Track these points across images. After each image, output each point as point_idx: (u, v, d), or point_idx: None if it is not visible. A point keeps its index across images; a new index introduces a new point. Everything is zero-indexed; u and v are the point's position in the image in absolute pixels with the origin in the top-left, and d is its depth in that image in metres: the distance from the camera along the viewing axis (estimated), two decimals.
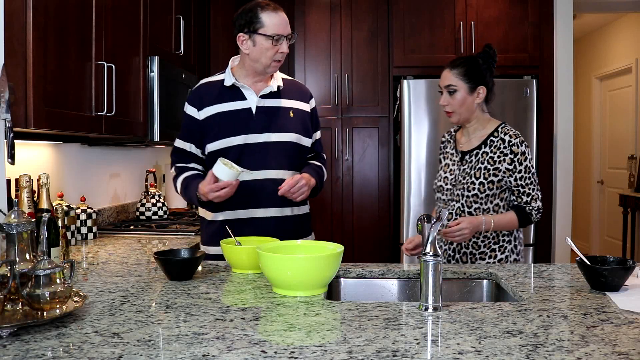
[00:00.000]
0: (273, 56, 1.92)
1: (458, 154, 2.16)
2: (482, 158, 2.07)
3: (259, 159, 1.97)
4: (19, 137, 1.96)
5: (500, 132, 2.08)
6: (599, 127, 6.74)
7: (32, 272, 1.24)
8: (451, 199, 2.11)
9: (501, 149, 2.05)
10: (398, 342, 1.10)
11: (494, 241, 2.08)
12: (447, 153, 2.23)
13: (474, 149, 2.11)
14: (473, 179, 2.06)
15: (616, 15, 6.11)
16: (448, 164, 2.18)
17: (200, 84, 2.07)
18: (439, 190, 2.19)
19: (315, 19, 4.18)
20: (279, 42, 1.91)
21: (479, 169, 2.06)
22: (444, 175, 2.17)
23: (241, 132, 1.96)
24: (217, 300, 1.42)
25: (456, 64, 2.10)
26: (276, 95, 2.02)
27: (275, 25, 1.90)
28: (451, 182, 2.13)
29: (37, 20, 1.76)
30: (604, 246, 6.49)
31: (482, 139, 2.10)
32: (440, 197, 2.17)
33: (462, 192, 2.07)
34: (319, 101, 4.15)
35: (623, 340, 1.11)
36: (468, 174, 2.08)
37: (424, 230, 1.39)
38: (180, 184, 2.00)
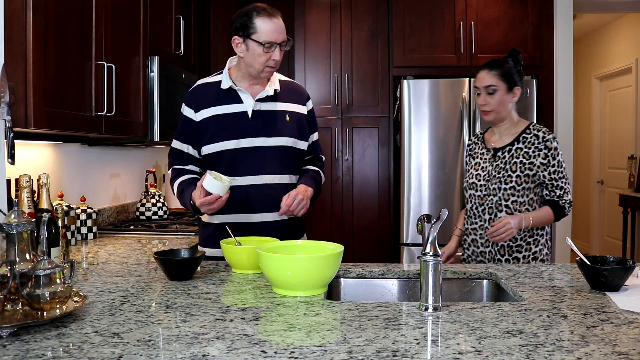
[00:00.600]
0: (265, 62, 1.90)
1: (490, 151, 2.24)
2: (516, 153, 2.15)
3: (254, 164, 1.96)
4: (19, 137, 1.96)
5: (532, 129, 2.18)
6: (599, 127, 6.74)
7: (32, 272, 1.24)
8: (487, 194, 2.18)
9: (535, 144, 2.14)
10: (398, 342, 1.10)
11: (528, 234, 2.14)
12: (476, 153, 2.30)
13: (506, 145, 2.19)
14: (509, 172, 2.13)
15: (616, 15, 6.11)
16: (479, 162, 2.26)
17: (197, 85, 2.05)
18: (471, 187, 2.24)
19: (315, 19, 4.18)
20: (270, 49, 1.88)
21: (514, 163, 2.14)
22: (476, 172, 2.24)
23: (237, 136, 1.95)
24: (217, 300, 1.42)
25: (495, 66, 2.20)
26: (273, 99, 2.01)
27: (268, 32, 1.87)
28: (484, 178, 2.20)
29: (37, 21, 1.77)
30: (604, 246, 6.49)
31: (515, 136, 2.19)
32: (474, 194, 2.23)
33: (498, 186, 2.14)
34: (319, 101, 4.16)
35: (623, 340, 1.11)
36: (503, 168, 2.15)
37: (424, 230, 1.39)
38: (176, 188, 2.00)
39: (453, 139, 3.85)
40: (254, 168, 1.96)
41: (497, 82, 2.16)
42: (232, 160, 1.95)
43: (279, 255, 1.47)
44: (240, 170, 1.95)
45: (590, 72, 6.90)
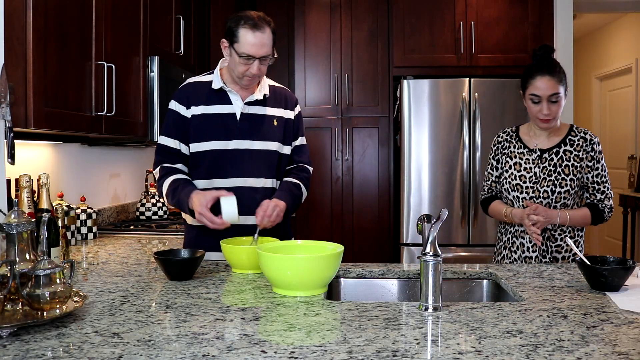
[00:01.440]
0: (243, 72, 1.88)
1: (534, 152, 2.14)
2: (565, 156, 2.10)
3: (241, 166, 1.95)
4: (19, 137, 1.96)
5: (578, 131, 2.13)
6: (599, 127, 6.73)
7: (32, 272, 1.24)
8: (536, 196, 2.10)
9: (584, 147, 2.09)
10: (398, 342, 1.10)
11: (569, 235, 2.10)
12: (513, 152, 2.18)
13: (553, 147, 2.12)
14: (563, 175, 2.07)
15: (616, 15, 6.11)
16: (519, 163, 2.15)
17: (187, 83, 2.04)
18: (514, 189, 2.14)
19: (315, 19, 4.18)
20: (248, 61, 1.86)
21: (566, 166, 2.08)
22: (519, 173, 2.14)
23: (224, 137, 1.95)
24: (217, 300, 1.42)
25: (556, 70, 2.05)
26: (261, 103, 2.00)
27: (247, 45, 1.84)
28: (531, 180, 2.11)
29: (37, 21, 1.77)
30: (604, 246, 6.49)
31: (561, 138, 2.12)
32: (519, 196, 2.13)
33: (552, 189, 2.07)
34: (319, 101, 4.16)
35: (623, 340, 1.11)
36: (554, 171, 2.09)
37: (424, 230, 1.39)
38: (168, 186, 1.92)
39: (453, 139, 3.85)
40: (241, 170, 1.96)
41: (561, 90, 2.04)
42: (219, 161, 1.95)
43: (279, 255, 1.47)
44: (227, 171, 1.95)
45: (590, 72, 6.89)
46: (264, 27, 1.86)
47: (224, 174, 1.95)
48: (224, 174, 1.95)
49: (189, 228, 2.06)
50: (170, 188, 1.92)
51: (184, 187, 1.89)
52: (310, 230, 4.10)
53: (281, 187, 2.01)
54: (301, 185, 2.05)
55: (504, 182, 2.18)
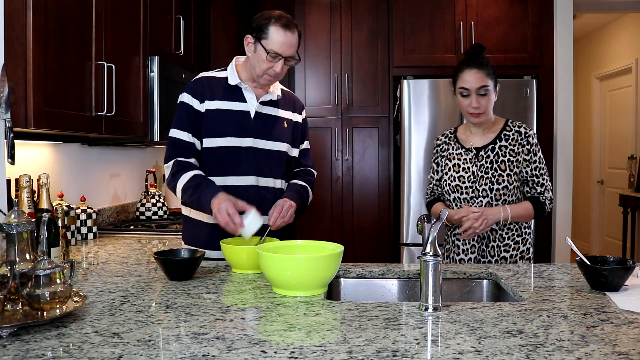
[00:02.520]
0: (265, 70, 1.89)
1: (471, 151, 2.15)
2: (501, 152, 2.10)
3: (255, 165, 1.95)
4: (19, 137, 1.96)
5: (512, 125, 2.14)
6: (599, 127, 6.74)
7: (32, 272, 1.24)
8: (475, 195, 2.10)
9: (519, 140, 2.10)
10: (398, 342, 1.10)
11: (517, 233, 2.12)
12: (451, 154, 2.20)
13: (488, 144, 2.12)
14: (499, 172, 2.08)
15: (616, 15, 6.11)
16: (457, 164, 2.16)
17: (201, 77, 2.01)
18: (454, 190, 2.14)
19: (315, 19, 4.18)
20: (274, 59, 1.87)
21: (502, 161, 2.09)
22: (457, 174, 2.14)
23: (239, 134, 1.94)
24: (217, 300, 1.42)
25: (483, 63, 2.07)
26: (274, 104, 2.02)
27: (277, 43, 1.86)
28: (469, 180, 2.11)
29: (37, 21, 1.77)
30: (604, 246, 6.49)
31: (496, 134, 2.13)
32: (459, 197, 2.13)
33: (490, 186, 2.08)
34: (319, 101, 4.16)
35: (623, 340, 1.11)
36: (491, 167, 2.09)
37: (424, 230, 1.39)
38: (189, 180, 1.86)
39: None
40: (254, 169, 1.96)
41: (489, 82, 2.06)
42: (233, 158, 1.94)
43: (279, 255, 1.47)
44: (241, 169, 1.94)
45: (590, 72, 6.89)
46: (293, 28, 1.89)
47: (237, 171, 1.94)
48: (237, 172, 1.94)
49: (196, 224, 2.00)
50: (192, 183, 1.86)
51: (208, 184, 1.85)
52: (310, 230, 4.10)
53: (290, 188, 2.02)
54: (308, 188, 2.07)
55: (444, 184, 2.19)
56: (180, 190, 1.89)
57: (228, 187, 1.91)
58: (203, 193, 1.83)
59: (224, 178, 1.94)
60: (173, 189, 1.93)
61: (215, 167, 1.95)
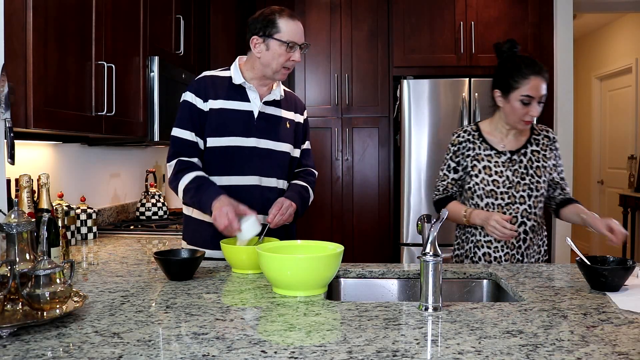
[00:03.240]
0: (284, 63, 1.90)
1: (504, 154, 2.05)
2: (533, 157, 2.06)
3: (256, 164, 1.95)
4: (19, 137, 1.96)
5: (539, 129, 2.12)
6: (599, 127, 6.73)
7: (32, 272, 1.24)
8: (512, 202, 2.02)
9: (549, 145, 2.09)
10: (398, 342, 1.10)
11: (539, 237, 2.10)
12: (479, 154, 2.06)
13: (521, 147, 2.07)
14: (537, 178, 2.03)
15: (616, 15, 6.11)
16: (488, 166, 2.04)
17: (204, 76, 2.01)
18: (488, 195, 2.03)
19: (315, 19, 4.18)
20: (292, 49, 1.89)
21: (537, 167, 2.05)
22: (491, 178, 2.03)
23: (242, 134, 1.94)
24: (217, 300, 1.42)
25: (544, 70, 1.98)
26: (277, 104, 2.02)
27: (291, 32, 1.88)
28: (504, 185, 2.02)
29: (37, 21, 1.76)
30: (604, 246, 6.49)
31: (527, 137, 2.09)
32: (493, 202, 2.03)
33: (528, 193, 2.02)
34: (319, 101, 4.16)
35: (623, 340, 1.11)
36: (527, 174, 2.03)
37: (424, 230, 1.39)
38: (191, 181, 1.86)
39: None
40: (257, 169, 1.95)
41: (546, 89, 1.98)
42: (236, 157, 1.93)
43: (279, 255, 1.47)
44: (244, 168, 1.94)
45: (590, 72, 6.89)
46: (297, 17, 1.94)
47: (240, 171, 1.94)
48: (240, 171, 1.94)
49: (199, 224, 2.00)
50: (194, 184, 1.86)
51: (210, 185, 1.85)
52: (310, 230, 4.10)
53: (291, 189, 2.02)
54: (309, 188, 2.07)
55: (476, 188, 2.05)
56: (182, 191, 1.89)
57: (231, 187, 1.91)
58: (204, 195, 1.83)
59: (227, 178, 1.94)
60: (175, 188, 1.93)
61: (218, 166, 1.94)
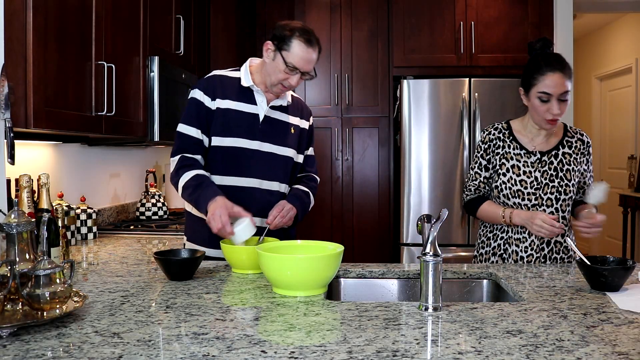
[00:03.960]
0: (280, 80, 1.89)
1: (534, 154, 2.00)
2: (565, 159, 2.00)
3: (259, 167, 1.95)
4: (19, 137, 1.96)
5: (573, 132, 2.06)
6: (599, 127, 6.73)
7: (32, 272, 1.24)
8: (538, 204, 1.98)
9: (581, 149, 2.04)
10: (398, 342, 1.10)
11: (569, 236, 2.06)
12: (507, 153, 2.02)
13: (552, 149, 2.01)
14: (566, 181, 1.98)
15: (616, 15, 6.11)
16: (517, 166, 2.00)
17: (214, 75, 2.01)
18: (515, 195, 1.99)
19: (315, 19, 4.18)
20: (292, 72, 1.88)
21: (568, 170, 1.99)
22: (519, 178, 1.99)
23: (247, 136, 1.94)
24: (217, 300, 1.42)
25: (566, 66, 1.90)
26: (283, 110, 2.02)
27: (297, 57, 1.86)
28: (532, 186, 1.98)
29: (37, 21, 1.76)
30: (604, 246, 6.49)
31: (559, 139, 2.03)
32: (520, 203, 1.99)
33: (556, 196, 1.97)
34: (319, 101, 4.16)
35: (623, 340, 1.11)
36: (556, 176, 1.98)
37: (424, 230, 1.39)
38: (191, 179, 1.86)
39: (453, 139, 3.85)
40: (260, 171, 1.96)
41: (570, 86, 1.89)
42: (240, 158, 1.94)
43: (279, 255, 1.47)
44: (246, 170, 1.94)
45: (590, 72, 6.90)
46: (315, 45, 1.89)
47: (242, 172, 1.94)
48: (242, 173, 1.94)
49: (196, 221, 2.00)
50: (193, 182, 1.86)
51: (208, 185, 1.85)
52: (311, 230, 4.10)
53: (293, 193, 2.02)
54: (310, 193, 2.07)
55: (503, 187, 2.02)
56: (182, 188, 1.90)
57: (231, 188, 1.92)
58: (202, 194, 1.83)
59: (228, 178, 1.95)
60: (175, 184, 1.93)
61: (220, 166, 1.95)
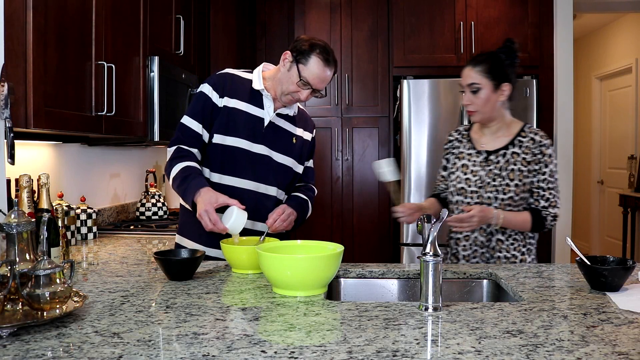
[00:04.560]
0: (290, 92, 1.90)
1: (481, 154, 2.05)
2: (512, 159, 2.00)
3: (258, 170, 1.95)
4: (19, 137, 1.96)
5: (527, 131, 2.03)
6: (599, 127, 6.74)
7: (32, 272, 1.24)
8: (479, 202, 2.01)
9: (532, 148, 2.00)
10: (398, 342, 1.10)
11: (522, 244, 2.03)
12: (462, 153, 2.10)
13: (500, 148, 2.03)
14: (507, 181, 1.98)
15: (616, 15, 6.11)
16: (466, 165, 2.07)
17: (225, 73, 2.01)
18: (459, 192, 2.05)
19: (315, 18, 4.18)
20: (304, 87, 1.89)
21: (512, 170, 1.99)
22: (465, 176, 2.05)
23: (247, 138, 1.94)
24: (217, 300, 1.42)
25: (479, 61, 2.00)
26: (288, 119, 2.03)
27: (312, 74, 1.87)
28: (476, 184, 2.02)
29: (37, 20, 1.76)
30: (604, 246, 6.49)
31: (510, 139, 2.03)
32: (463, 201, 2.04)
33: (495, 195, 1.99)
34: (319, 101, 4.16)
35: (623, 340, 1.11)
36: (499, 175, 2.00)
37: (424, 230, 1.39)
38: (180, 170, 1.86)
39: None
40: (258, 175, 1.96)
41: (481, 80, 1.97)
42: (240, 159, 1.94)
43: (279, 255, 1.47)
44: (244, 172, 1.94)
45: (590, 72, 6.90)
46: (332, 66, 1.90)
47: (239, 173, 1.94)
48: (240, 174, 1.94)
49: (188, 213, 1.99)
50: (181, 174, 1.86)
51: (195, 177, 1.84)
52: (311, 230, 4.10)
53: (292, 199, 2.03)
54: (309, 202, 2.08)
55: (451, 185, 2.10)
56: (172, 179, 1.90)
57: (229, 187, 1.92)
58: (188, 186, 1.82)
59: (227, 177, 1.95)
60: (168, 175, 1.93)
61: (220, 164, 1.95)
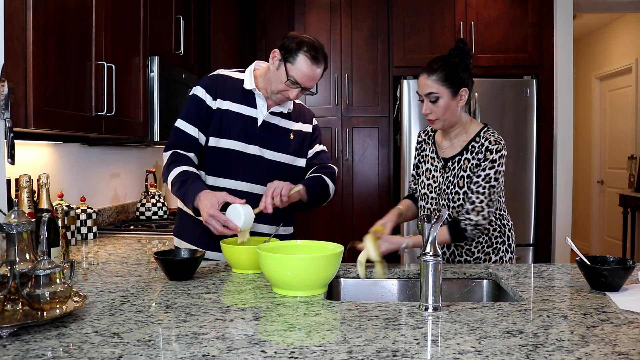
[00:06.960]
0: (281, 91, 1.88)
1: (440, 161, 2.01)
2: (464, 165, 1.93)
3: (252, 171, 1.94)
4: (19, 137, 1.96)
5: (482, 136, 1.93)
6: (599, 127, 6.74)
7: (32, 272, 1.24)
8: (438, 209, 1.98)
9: (479, 154, 1.91)
10: (398, 342, 1.10)
11: (487, 245, 1.99)
12: (427, 156, 2.07)
13: (456, 155, 1.97)
14: (457, 189, 1.93)
15: (616, 15, 6.11)
16: (429, 169, 2.04)
17: (217, 74, 1.99)
18: (423, 198, 2.04)
19: (315, 18, 4.18)
20: (292, 86, 1.86)
21: (462, 177, 1.93)
22: (427, 182, 2.03)
23: (241, 139, 1.93)
24: (217, 300, 1.42)
25: (434, 69, 1.90)
26: (284, 116, 2.01)
27: (300, 73, 1.84)
28: (435, 191, 2.01)
29: (37, 20, 1.76)
30: (604, 246, 6.49)
31: (464, 144, 1.96)
32: (425, 206, 2.03)
33: (447, 203, 1.95)
34: (319, 101, 4.16)
35: (623, 340, 1.11)
36: (452, 182, 1.95)
37: (424, 230, 1.39)
38: (178, 175, 1.84)
39: None
40: (253, 176, 1.94)
41: (439, 89, 1.88)
42: (235, 161, 1.93)
43: (279, 255, 1.47)
44: (239, 174, 1.93)
45: (590, 72, 6.90)
46: (321, 63, 1.87)
47: (234, 175, 1.93)
48: (235, 175, 1.93)
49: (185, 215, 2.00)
50: (179, 178, 1.84)
51: (194, 181, 1.82)
52: (311, 230, 4.10)
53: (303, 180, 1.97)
54: (323, 177, 2.00)
55: (419, 187, 2.08)
56: (170, 184, 1.88)
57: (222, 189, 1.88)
58: (187, 191, 1.80)
59: (223, 180, 1.94)
60: (166, 180, 1.92)
61: (215, 167, 1.94)
